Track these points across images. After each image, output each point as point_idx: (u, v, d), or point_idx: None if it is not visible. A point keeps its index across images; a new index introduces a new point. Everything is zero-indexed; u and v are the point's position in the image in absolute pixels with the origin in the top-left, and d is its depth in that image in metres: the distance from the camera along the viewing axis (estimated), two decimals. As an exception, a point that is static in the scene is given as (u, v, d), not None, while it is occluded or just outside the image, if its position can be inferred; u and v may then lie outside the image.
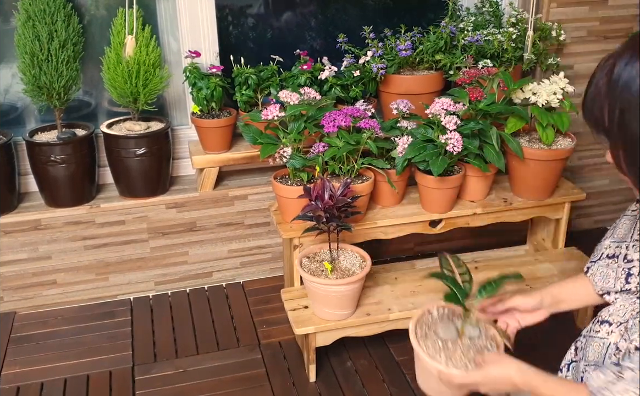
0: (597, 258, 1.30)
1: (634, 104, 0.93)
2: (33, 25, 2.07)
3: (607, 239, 1.30)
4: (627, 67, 0.93)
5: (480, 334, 1.36)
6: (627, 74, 0.93)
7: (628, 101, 0.93)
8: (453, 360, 1.33)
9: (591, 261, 1.32)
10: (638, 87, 0.92)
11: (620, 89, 0.94)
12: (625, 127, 0.95)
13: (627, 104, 0.93)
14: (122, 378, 1.97)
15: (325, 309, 1.83)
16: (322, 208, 1.73)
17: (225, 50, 2.38)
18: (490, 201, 2.12)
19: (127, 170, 2.24)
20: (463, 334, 1.37)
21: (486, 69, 2.10)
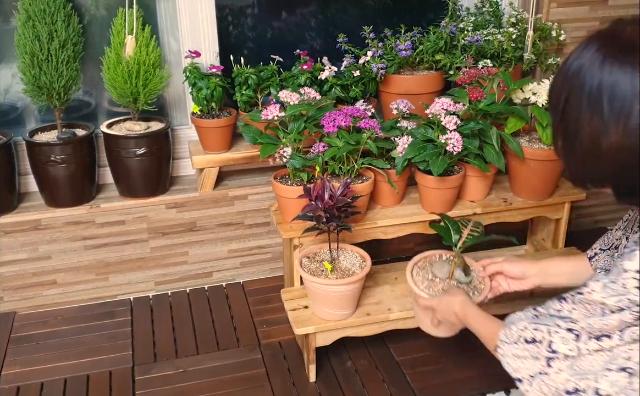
0: (606, 247, 1.35)
1: (576, 92, 0.98)
2: (33, 25, 2.07)
3: (619, 230, 1.33)
4: (578, 58, 0.99)
5: (471, 280, 1.65)
6: (577, 63, 0.99)
7: (571, 89, 0.99)
8: (431, 289, 1.62)
9: (600, 249, 1.36)
10: (583, 76, 0.97)
11: (569, 78, 0.99)
12: (566, 116, 1.00)
13: (570, 92, 0.99)
14: (122, 378, 1.97)
15: (325, 310, 1.83)
16: (322, 208, 1.73)
17: (225, 50, 2.38)
18: (490, 201, 2.12)
19: (127, 170, 2.24)
20: (452, 274, 1.64)
21: (486, 69, 2.10)
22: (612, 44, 0.97)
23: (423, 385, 1.92)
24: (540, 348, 1.04)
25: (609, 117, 0.95)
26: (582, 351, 1.00)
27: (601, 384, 0.97)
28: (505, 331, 1.13)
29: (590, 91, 0.96)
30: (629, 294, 0.94)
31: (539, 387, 1.04)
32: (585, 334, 0.99)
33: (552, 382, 1.02)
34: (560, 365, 1.01)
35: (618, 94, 0.94)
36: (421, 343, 2.08)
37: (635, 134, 0.93)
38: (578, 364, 1.00)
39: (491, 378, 1.93)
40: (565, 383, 1.01)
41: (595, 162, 0.99)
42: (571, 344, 1.00)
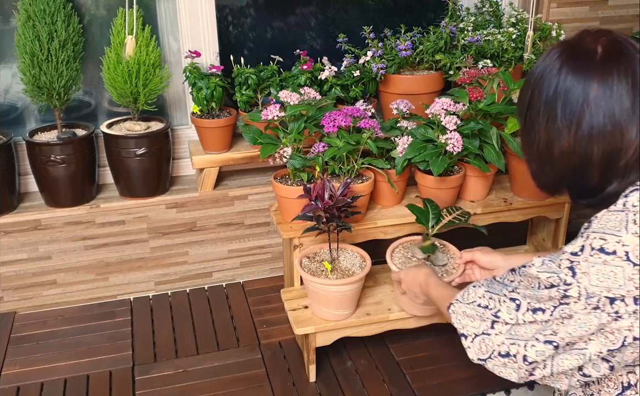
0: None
1: (536, 97, 1.05)
2: (33, 25, 2.07)
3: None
4: (541, 64, 1.06)
5: (446, 263, 1.79)
6: (539, 69, 1.06)
7: (533, 94, 1.06)
8: (404, 266, 1.79)
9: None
10: (542, 82, 1.04)
11: (532, 83, 1.07)
12: (528, 120, 1.07)
13: (532, 96, 1.06)
14: (122, 378, 1.97)
15: (324, 309, 1.83)
16: (322, 208, 1.73)
17: (225, 50, 2.38)
18: (490, 201, 2.12)
19: (127, 170, 2.24)
20: (428, 255, 1.81)
21: (486, 69, 2.10)
22: (571, 52, 1.03)
23: (423, 385, 1.92)
24: (486, 313, 1.12)
25: (561, 123, 1.01)
26: (519, 321, 1.06)
27: (528, 352, 1.05)
28: (463, 293, 1.21)
29: (547, 96, 1.03)
30: (560, 273, 1.00)
31: (479, 345, 1.12)
32: (524, 305, 1.06)
33: (490, 343, 1.10)
34: (500, 328, 1.09)
35: (570, 101, 1.00)
36: (421, 343, 2.08)
37: (585, 140, 1.00)
38: (515, 330, 1.07)
39: (491, 378, 1.91)
40: (501, 345, 1.09)
41: (550, 167, 1.06)
42: (512, 313, 1.07)
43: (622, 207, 1.00)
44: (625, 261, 0.95)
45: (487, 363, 1.13)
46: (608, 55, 1.00)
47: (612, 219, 1.00)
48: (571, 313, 0.99)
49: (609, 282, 0.96)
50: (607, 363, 1.01)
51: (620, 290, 0.95)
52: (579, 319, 0.99)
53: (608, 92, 0.98)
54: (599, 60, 1.00)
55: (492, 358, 1.11)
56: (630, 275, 0.95)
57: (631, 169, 1.01)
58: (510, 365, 1.08)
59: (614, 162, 1.01)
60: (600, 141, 1.00)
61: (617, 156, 1.00)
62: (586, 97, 0.99)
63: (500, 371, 1.12)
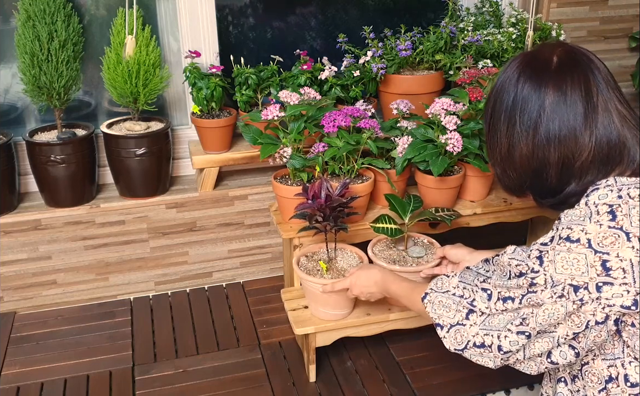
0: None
1: (498, 105, 1.12)
2: (33, 25, 2.07)
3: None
4: (502, 74, 1.13)
5: (422, 256, 1.84)
6: (501, 79, 1.13)
7: (495, 102, 1.13)
8: (382, 253, 1.87)
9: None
10: (503, 91, 1.11)
11: (494, 92, 1.14)
12: (491, 127, 1.15)
13: (494, 104, 1.13)
14: (122, 378, 1.97)
15: (321, 309, 1.83)
16: (317, 207, 1.73)
17: (225, 50, 2.38)
18: (490, 201, 2.12)
19: (127, 170, 2.24)
20: (406, 247, 1.89)
21: (486, 69, 2.10)
22: (529, 62, 1.10)
23: (423, 385, 1.92)
24: (462, 302, 1.17)
25: (520, 129, 1.09)
26: (492, 310, 1.12)
27: (502, 342, 1.10)
28: (436, 282, 1.26)
29: (507, 105, 1.10)
30: (529, 262, 1.07)
31: (454, 336, 1.17)
32: (495, 294, 1.12)
33: (465, 333, 1.15)
34: (475, 319, 1.14)
35: (528, 108, 1.07)
36: (421, 343, 2.08)
37: (542, 144, 1.07)
38: (489, 320, 1.12)
39: (491, 378, 1.93)
40: (475, 336, 1.14)
41: (512, 170, 1.14)
42: (485, 302, 1.13)
43: (584, 205, 1.05)
44: (587, 248, 1.01)
45: (464, 353, 1.17)
46: (563, 64, 1.07)
47: (577, 213, 1.05)
48: (539, 301, 1.05)
49: (572, 269, 1.01)
50: (573, 349, 1.07)
51: (583, 277, 1.01)
52: (547, 309, 1.04)
53: (562, 99, 1.05)
54: (554, 69, 1.07)
55: (468, 349, 1.16)
56: (591, 262, 1.00)
57: (587, 170, 1.07)
58: (487, 354, 1.13)
59: (570, 164, 1.07)
60: (556, 145, 1.07)
61: (572, 158, 1.07)
62: (542, 104, 1.06)
63: (477, 360, 1.16)
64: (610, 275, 0.99)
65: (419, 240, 1.95)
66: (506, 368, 1.88)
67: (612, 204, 1.02)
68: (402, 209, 1.89)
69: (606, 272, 0.99)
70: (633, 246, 0.99)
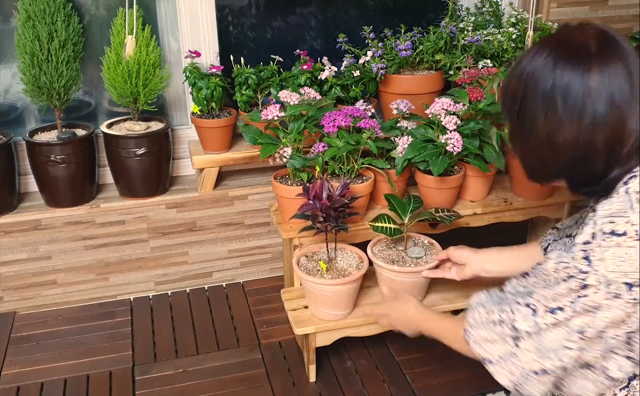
0: (559, 238, 1.40)
1: (531, 93, 1.06)
2: (33, 25, 2.07)
3: (571, 220, 1.39)
4: (531, 62, 1.06)
5: (422, 256, 1.85)
6: (530, 67, 1.06)
7: (526, 91, 1.07)
8: (382, 252, 1.88)
9: (554, 240, 1.41)
10: (536, 79, 1.05)
11: (523, 80, 1.07)
12: (522, 115, 1.08)
13: (525, 93, 1.07)
14: (122, 378, 1.97)
15: (321, 309, 1.83)
16: (319, 208, 1.73)
17: (225, 50, 2.38)
18: (490, 201, 2.12)
19: (127, 170, 2.24)
20: (406, 247, 1.89)
21: (486, 69, 2.10)
22: (562, 48, 1.04)
23: (423, 385, 1.92)
24: (505, 329, 1.08)
25: (563, 115, 1.02)
26: (540, 326, 1.03)
27: (565, 361, 1.02)
28: (473, 314, 1.17)
29: (544, 92, 1.04)
30: (576, 263, 1.00)
31: (509, 368, 1.08)
32: (541, 307, 1.03)
33: (520, 363, 1.06)
34: (526, 345, 1.05)
35: (571, 94, 1.01)
36: (421, 343, 2.07)
37: (588, 129, 1.01)
38: (540, 341, 1.04)
39: (491, 378, 1.92)
40: (532, 363, 1.05)
41: (550, 157, 1.07)
42: (530, 320, 1.04)
43: (624, 193, 1.01)
44: (637, 240, 0.96)
45: (525, 387, 1.07)
46: (602, 47, 1.02)
47: (615, 203, 1.01)
48: (594, 305, 0.98)
49: (625, 265, 0.96)
50: (629, 360, 1.02)
51: (636, 274, 0.95)
52: (606, 316, 0.98)
53: (607, 81, 1.00)
54: (595, 52, 1.02)
55: (528, 379, 1.06)
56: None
57: (632, 156, 1.03)
58: (548, 377, 1.05)
59: (617, 149, 1.02)
60: (603, 129, 1.01)
61: (620, 142, 1.02)
62: (587, 88, 1.00)
63: (539, 389, 1.07)
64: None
65: (419, 240, 1.95)
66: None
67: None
68: (402, 209, 1.89)
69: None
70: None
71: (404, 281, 1.82)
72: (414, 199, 1.94)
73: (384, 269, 1.82)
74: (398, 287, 1.81)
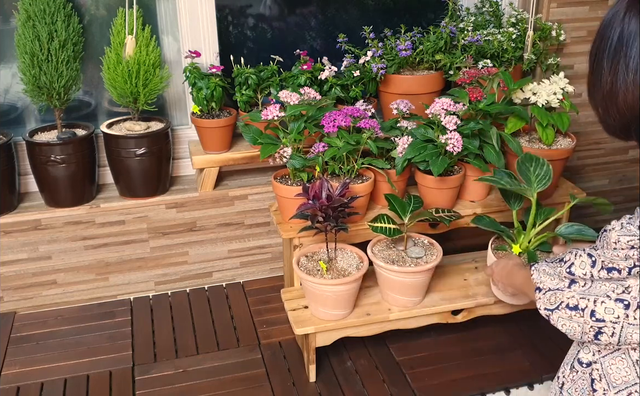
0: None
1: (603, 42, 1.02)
2: (33, 25, 2.07)
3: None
4: (611, 9, 1.02)
5: (422, 256, 1.86)
6: (609, 14, 1.03)
7: (601, 39, 1.03)
8: (382, 252, 1.90)
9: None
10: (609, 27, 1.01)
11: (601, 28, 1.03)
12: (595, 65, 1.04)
13: (600, 42, 1.03)
14: (122, 378, 1.97)
15: (321, 309, 1.83)
16: (318, 207, 1.73)
17: (225, 50, 2.38)
18: (490, 200, 2.12)
19: (127, 170, 2.24)
20: (406, 247, 1.91)
21: (486, 69, 2.10)
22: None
23: (423, 385, 1.92)
24: (562, 269, 1.12)
25: (625, 69, 0.98)
26: (594, 277, 1.06)
27: (597, 307, 1.04)
28: (549, 258, 1.21)
29: (612, 42, 1.00)
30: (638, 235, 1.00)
31: (550, 297, 1.12)
32: (599, 262, 1.05)
33: (561, 295, 1.10)
34: (576, 288, 1.08)
35: (635, 46, 0.97)
36: (421, 343, 2.08)
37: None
38: (589, 288, 1.06)
39: (491, 378, 1.93)
40: (570, 299, 1.08)
41: (616, 113, 1.03)
42: (587, 268, 1.07)
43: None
44: None
45: (553, 314, 1.11)
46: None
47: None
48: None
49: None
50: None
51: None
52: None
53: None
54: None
55: (559, 309, 1.10)
56: None
57: None
58: (576, 318, 1.07)
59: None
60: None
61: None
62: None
63: (564, 325, 1.10)
64: None
65: (419, 241, 1.95)
66: (506, 368, 1.88)
67: None
68: (402, 209, 1.90)
69: None
70: None
71: (404, 281, 1.82)
72: (414, 199, 1.94)
73: (384, 269, 1.82)
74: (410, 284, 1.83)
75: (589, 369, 1.13)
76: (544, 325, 1.46)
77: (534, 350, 2.05)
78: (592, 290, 1.06)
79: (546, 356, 2.00)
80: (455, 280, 2.02)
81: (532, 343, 2.07)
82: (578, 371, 1.16)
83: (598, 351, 1.12)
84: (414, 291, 1.86)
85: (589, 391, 1.13)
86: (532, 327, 2.12)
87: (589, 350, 1.13)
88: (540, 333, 2.09)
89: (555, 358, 1.39)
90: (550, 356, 2.00)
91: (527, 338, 2.10)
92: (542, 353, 2.03)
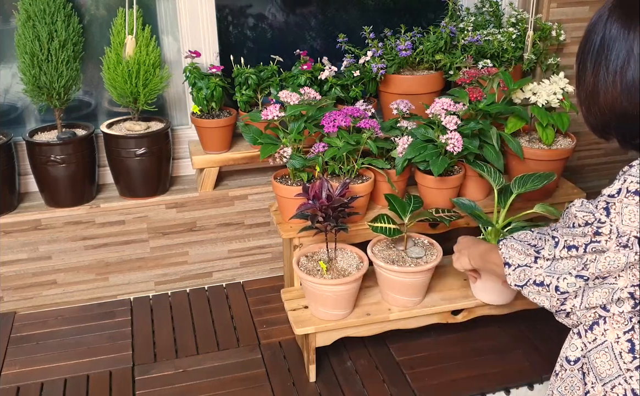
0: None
1: (588, 44, 1.08)
2: (33, 25, 2.07)
3: None
4: (596, 13, 1.09)
5: (422, 256, 1.86)
6: (594, 18, 1.10)
7: (586, 41, 1.10)
8: (382, 252, 1.90)
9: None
10: (593, 30, 1.08)
11: (587, 31, 1.10)
12: (580, 66, 1.10)
13: (585, 44, 1.10)
14: (122, 378, 1.97)
15: (321, 309, 1.83)
16: (318, 207, 1.73)
17: (225, 50, 2.38)
18: (490, 201, 2.12)
19: (127, 170, 2.24)
20: (406, 247, 1.91)
21: (486, 69, 2.10)
22: (620, 2, 1.05)
23: (423, 385, 1.92)
24: (531, 250, 1.21)
25: (606, 71, 1.04)
26: (556, 256, 1.14)
27: (560, 283, 1.13)
28: (519, 233, 1.30)
29: (595, 44, 1.06)
30: (595, 213, 1.07)
31: (519, 274, 1.22)
32: (561, 242, 1.13)
33: (529, 273, 1.19)
34: (542, 263, 1.17)
35: (615, 50, 1.02)
36: (421, 343, 2.08)
37: (628, 87, 1.02)
38: (554, 265, 1.15)
39: (491, 378, 1.93)
40: (537, 276, 1.17)
41: (597, 111, 1.09)
42: (552, 250, 1.15)
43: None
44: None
45: (523, 290, 1.21)
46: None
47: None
48: (602, 249, 1.06)
49: (638, 222, 1.02)
50: (633, 299, 1.09)
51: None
52: (609, 257, 1.06)
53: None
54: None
55: (527, 286, 1.19)
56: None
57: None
58: (544, 293, 1.16)
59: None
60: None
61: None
62: (631, 47, 1.01)
63: (534, 298, 1.19)
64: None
65: (419, 241, 1.95)
66: (506, 368, 1.88)
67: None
68: (402, 209, 1.90)
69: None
70: None
71: (404, 281, 1.82)
72: (414, 199, 1.94)
73: (384, 269, 1.82)
74: (399, 285, 1.82)
75: (578, 365, 1.18)
76: (544, 325, 1.47)
77: (534, 350, 2.05)
78: (557, 268, 1.14)
79: (546, 356, 2.00)
80: (455, 280, 2.02)
81: (532, 343, 2.07)
82: (567, 369, 1.20)
83: (584, 346, 1.17)
84: (414, 291, 1.86)
85: (580, 386, 1.18)
86: (532, 327, 2.12)
87: (576, 346, 1.19)
88: (540, 333, 2.09)
89: (555, 359, 1.39)
90: (550, 356, 1.99)
91: (527, 338, 2.10)
92: (542, 353, 2.03)
